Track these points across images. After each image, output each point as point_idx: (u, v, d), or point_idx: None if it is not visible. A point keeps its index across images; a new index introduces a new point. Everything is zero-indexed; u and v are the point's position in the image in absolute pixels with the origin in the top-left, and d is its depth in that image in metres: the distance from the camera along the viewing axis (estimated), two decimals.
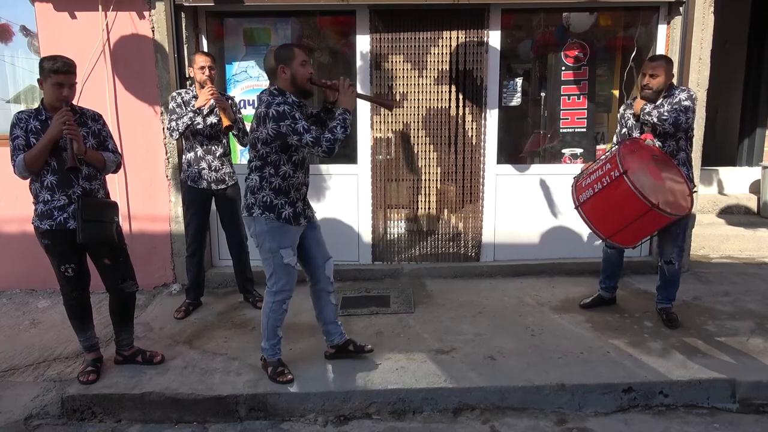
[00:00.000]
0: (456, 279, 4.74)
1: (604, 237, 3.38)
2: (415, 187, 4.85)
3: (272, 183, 2.95)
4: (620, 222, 3.29)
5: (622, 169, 3.16)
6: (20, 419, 3.00)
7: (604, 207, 3.31)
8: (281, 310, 3.10)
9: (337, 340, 3.31)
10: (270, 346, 3.14)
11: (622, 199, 3.20)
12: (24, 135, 2.93)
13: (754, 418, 2.93)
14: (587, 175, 3.46)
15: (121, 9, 4.31)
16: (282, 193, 2.96)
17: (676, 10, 4.48)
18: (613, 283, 4.05)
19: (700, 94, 4.51)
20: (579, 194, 3.42)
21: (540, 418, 2.94)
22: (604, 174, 3.29)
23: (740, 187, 6.45)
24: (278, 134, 2.83)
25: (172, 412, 3.03)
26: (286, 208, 2.97)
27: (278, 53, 2.94)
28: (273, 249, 2.98)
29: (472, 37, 4.55)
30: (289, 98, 2.90)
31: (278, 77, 2.93)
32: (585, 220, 3.39)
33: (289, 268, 3.03)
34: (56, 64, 2.89)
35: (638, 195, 3.13)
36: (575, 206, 3.42)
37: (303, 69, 2.92)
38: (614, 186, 3.21)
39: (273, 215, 2.95)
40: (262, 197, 2.95)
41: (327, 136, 2.82)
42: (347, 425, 2.94)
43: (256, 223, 2.99)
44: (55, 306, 4.35)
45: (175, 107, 3.87)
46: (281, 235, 2.98)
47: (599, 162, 3.44)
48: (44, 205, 3.00)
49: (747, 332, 3.62)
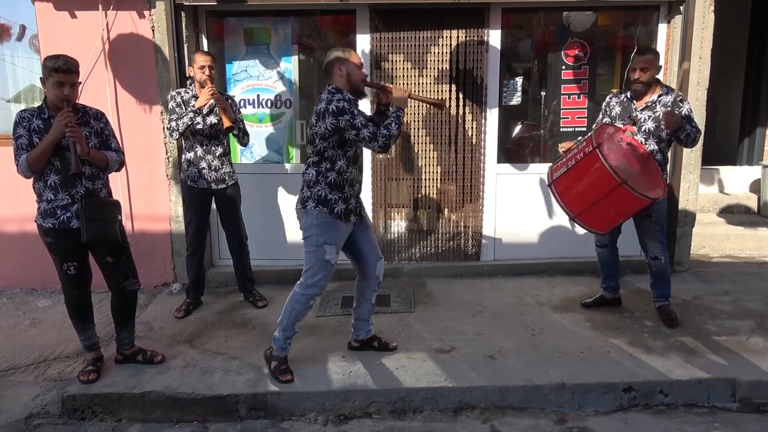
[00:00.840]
0: (456, 278, 4.74)
1: (573, 215, 3.34)
2: (416, 187, 4.85)
3: (328, 177, 3.02)
4: (589, 198, 3.26)
5: (595, 143, 3.17)
6: (21, 418, 3.00)
7: (575, 182, 3.32)
8: (308, 305, 3.14)
9: (363, 336, 3.43)
10: (283, 338, 3.16)
11: (593, 173, 3.21)
12: (27, 134, 2.93)
13: (755, 418, 2.93)
14: (565, 153, 3.49)
15: (121, 8, 4.31)
16: (337, 188, 3.04)
17: (676, 9, 4.47)
18: (614, 283, 4.05)
19: (700, 93, 4.52)
20: (554, 171, 3.44)
21: (540, 418, 2.95)
22: (579, 151, 3.32)
23: (740, 187, 6.45)
24: (336, 129, 2.91)
25: (172, 411, 3.03)
26: (339, 204, 3.04)
27: (337, 50, 3.09)
28: (319, 243, 3.04)
29: (472, 37, 4.55)
30: (346, 95, 3.00)
31: (334, 74, 3.04)
32: (555, 197, 3.40)
33: (328, 264, 3.08)
34: (57, 63, 2.88)
35: (608, 169, 3.10)
36: (548, 183, 3.44)
37: (358, 70, 3.07)
38: (586, 161, 3.23)
39: (326, 209, 3.02)
40: (318, 191, 3.02)
41: (383, 132, 2.94)
42: (347, 424, 2.94)
43: (308, 215, 3.05)
44: (56, 305, 4.35)
45: (175, 107, 3.87)
46: (331, 230, 3.05)
47: (576, 143, 3.48)
48: (47, 204, 3.00)
49: (747, 331, 3.62)
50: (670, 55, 4.59)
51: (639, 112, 3.64)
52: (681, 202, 4.66)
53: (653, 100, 3.62)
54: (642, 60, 3.56)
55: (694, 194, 4.69)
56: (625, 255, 4.78)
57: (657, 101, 3.61)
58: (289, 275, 4.67)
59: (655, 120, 3.57)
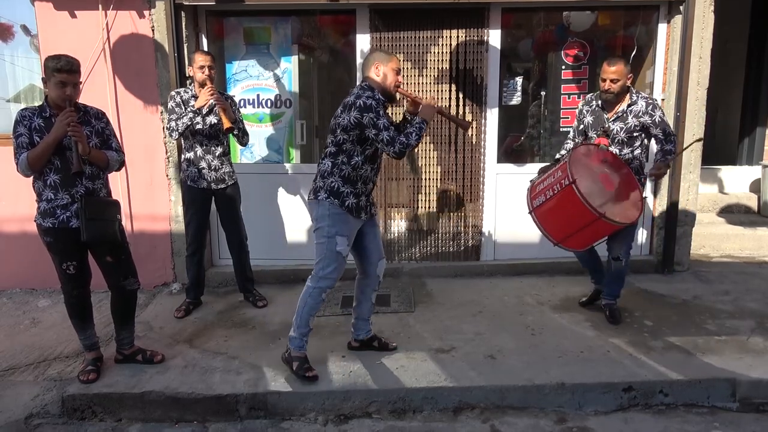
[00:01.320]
0: (456, 278, 4.74)
1: (555, 242, 3.46)
2: (416, 186, 4.85)
3: (342, 170, 3.03)
4: (570, 228, 3.38)
5: (571, 178, 3.22)
6: (20, 418, 3.00)
7: (555, 214, 3.41)
8: (320, 298, 3.12)
9: (363, 335, 3.43)
10: (299, 336, 3.14)
11: (572, 208, 3.29)
12: (27, 133, 2.93)
13: (755, 417, 2.93)
14: (540, 180, 3.52)
15: (121, 8, 4.31)
16: (350, 183, 3.05)
17: (676, 8, 4.47)
18: (600, 275, 4.03)
19: (700, 92, 4.52)
20: (533, 199, 3.49)
21: (540, 417, 2.94)
22: (555, 182, 3.36)
23: (740, 186, 6.45)
24: (359, 123, 2.93)
25: (172, 411, 3.03)
26: (351, 198, 3.05)
27: (379, 52, 3.13)
28: (330, 234, 3.04)
29: (472, 36, 4.55)
30: (377, 95, 3.02)
31: (371, 71, 3.07)
32: (537, 225, 3.49)
33: (339, 256, 3.07)
34: (59, 63, 2.89)
35: (586, 205, 3.19)
36: (528, 211, 3.50)
37: (395, 75, 3.08)
38: (564, 194, 3.28)
39: (337, 201, 3.03)
40: (331, 182, 3.04)
41: (401, 139, 2.95)
42: (347, 424, 2.94)
43: (320, 206, 3.06)
44: (55, 305, 4.35)
45: (174, 106, 3.87)
46: (341, 222, 3.05)
47: (553, 167, 3.50)
48: (47, 204, 3.00)
49: (747, 331, 3.62)
50: (669, 55, 4.59)
51: (611, 122, 3.65)
52: (681, 202, 4.66)
53: (624, 110, 3.63)
54: (612, 71, 3.53)
55: (694, 194, 4.69)
56: None
57: (628, 111, 3.62)
58: (289, 275, 4.68)
59: (627, 131, 3.61)
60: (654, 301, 4.16)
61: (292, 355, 3.15)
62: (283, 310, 4.04)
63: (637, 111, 3.60)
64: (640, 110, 3.59)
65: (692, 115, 4.52)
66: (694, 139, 4.55)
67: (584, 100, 3.88)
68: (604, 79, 3.57)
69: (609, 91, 3.57)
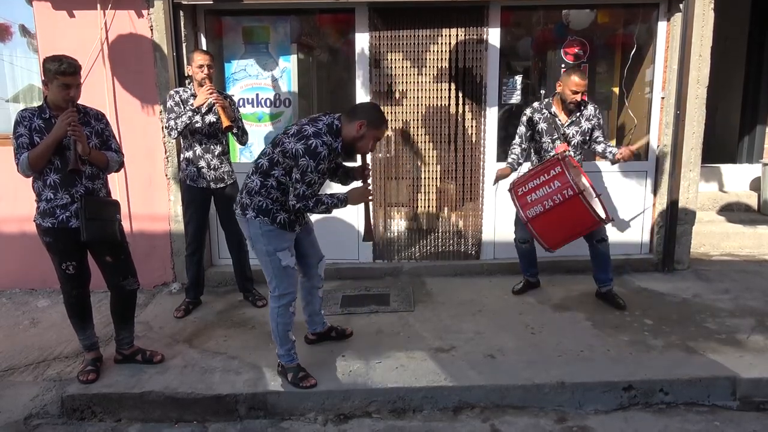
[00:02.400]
0: (456, 277, 4.74)
1: (548, 247, 3.64)
2: (415, 186, 4.84)
3: (271, 194, 2.92)
4: (567, 235, 3.61)
5: (576, 190, 3.40)
6: (20, 419, 3.00)
7: (555, 223, 3.55)
8: (288, 313, 3.05)
9: (319, 329, 3.51)
10: (285, 352, 3.10)
11: (575, 216, 3.49)
12: (28, 133, 2.93)
13: (755, 416, 2.92)
14: (531, 188, 3.61)
15: (119, 8, 4.30)
16: (278, 203, 2.94)
17: (676, 6, 4.46)
18: (536, 269, 4.34)
19: (700, 91, 4.51)
20: (526, 209, 3.60)
21: (540, 417, 2.94)
22: (554, 192, 3.49)
23: (740, 185, 6.44)
24: (296, 156, 2.77)
25: (171, 411, 3.03)
26: (281, 213, 2.94)
27: (376, 112, 2.94)
28: (270, 252, 2.95)
29: (471, 35, 4.54)
30: (336, 144, 2.84)
31: (353, 122, 2.86)
32: (533, 234, 3.63)
33: (288, 269, 3.00)
34: (62, 66, 2.88)
35: (592, 213, 3.45)
36: (524, 221, 3.62)
37: (371, 143, 2.93)
38: (568, 204, 3.45)
39: (267, 219, 2.92)
40: (258, 201, 2.92)
41: (308, 204, 2.85)
42: (347, 424, 2.93)
43: (250, 225, 2.97)
44: (55, 305, 4.34)
45: (173, 106, 3.86)
46: (276, 237, 2.95)
47: (543, 176, 3.58)
48: (47, 204, 3.00)
49: (747, 330, 3.61)
50: (669, 53, 4.58)
51: (566, 128, 3.88)
52: (681, 201, 4.65)
53: (577, 115, 3.88)
54: (583, 84, 3.76)
55: (693, 192, 4.69)
56: (625, 253, 4.81)
57: (580, 115, 3.88)
58: None
59: (582, 134, 3.88)
60: (654, 299, 4.16)
61: (285, 368, 3.12)
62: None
63: (588, 115, 3.88)
64: (590, 114, 3.88)
65: (692, 113, 4.51)
66: (694, 136, 4.55)
67: (532, 108, 4.01)
68: (576, 91, 3.76)
69: (574, 102, 3.80)
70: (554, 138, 3.89)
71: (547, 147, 3.93)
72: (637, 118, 4.86)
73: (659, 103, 4.70)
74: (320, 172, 2.83)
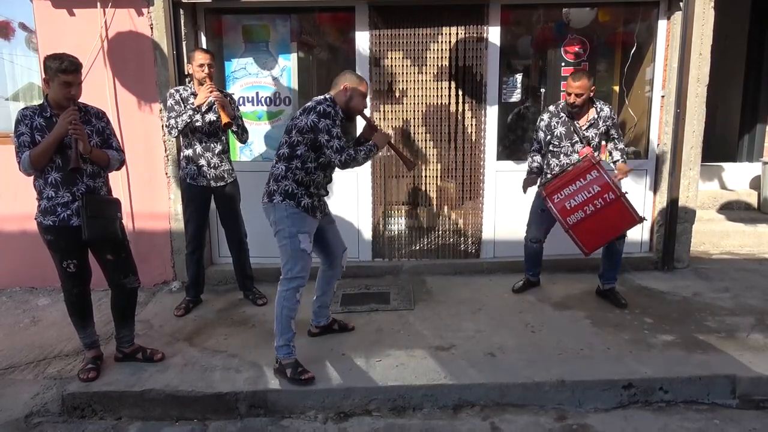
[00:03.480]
0: (456, 276, 4.74)
1: (587, 252, 3.66)
2: (415, 184, 4.84)
3: (296, 175, 3.09)
4: (608, 238, 3.68)
5: (618, 193, 3.48)
6: (21, 417, 3.00)
7: (597, 227, 3.58)
8: (294, 299, 3.12)
9: (324, 322, 3.61)
10: (285, 342, 3.12)
11: (616, 219, 3.55)
12: (29, 132, 2.93)
13: (755, 414, 2.93)
14: (568, 195, 3.62)
15: (119, 6, 4.30)
16: (303, 186, 3.11)
17: (676, 5, 4.46)
18: (538, 269, 4.35)
19: (700, 89, 4.51)
20: (566, 216, 3.62)
21: (540, 415, 2.95)
22: (595, 196, 3.54)
23: (740, 183, 6.45)
24: (314, 127, 3.01)
25: (172, 409, 3.03)
26: (305, 198, 3.11)
27: (352, 74, 3.22)
28: (292, 233, 3.07)
29: (471, 34, 4.54)
30: (338, 108, 3.12)
31: (338, 90, 3.15)
32: (575, 240, 3.64)
33: (304, 254, 3.11)
34: (64, 64, 2.89)
35: (633, 214, 3.51)
36: (565, 229, 3.64)
37: (361, 99, 3.20)
38: (611, 208, 3.52)
39: (293, 202, 3.08)
40: (285, 186, 3.09)
41: (350, 152, 3.04)
42: (347, 422, 2.94)
43: (276, 209, 3.10)
44: (55, 304, 4.35)
45: (174, 104, 3.86)
46: (300, 221, 3.10)
47: (579, 182, 3.60)
48: (48, 202, 3.01)
49: (747, 328, 3.62)
50: (669, 52, 4.58)
51: (585, 131, 3.87)
52: (681, 199, 4.65)
53: (594, 117, 3.87)
54: (577, 86, 3.72)
55: (694, 191, 4.69)
56: (626, 252, 4.78)
57: (598, 117, 3.87)
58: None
59: (599, 136, 3.90)
60: (654, 298, 4.16)
61: (283, 364, 3.11)
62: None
63: (605, 116, 3.88)
64: (607, 115, 3.88)
65: (692, 112, 4.52)
66: (694, 134, 4.55)
67: (550, 112, 4.00)
68: (569, 93, 3.75)
69: (574, 105, 3.78)
70: (574, 141, 3.86)
71: (566, 151, 3.89)
72: (637, 117, 4.86)
73: (659, 102, 4.70)
74: (339, 130, 3.07)
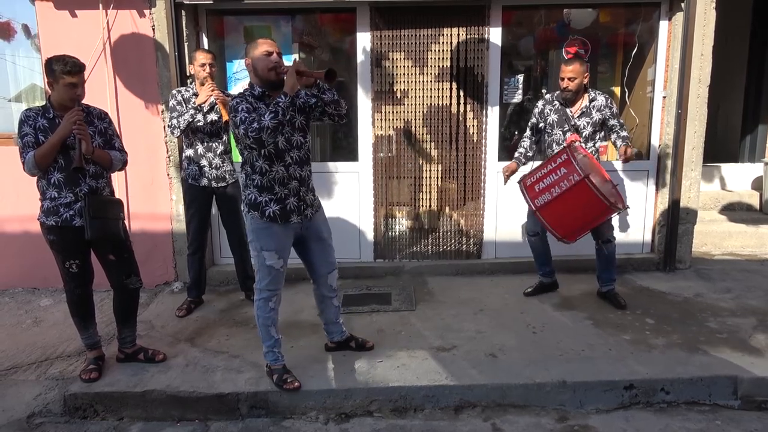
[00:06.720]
0: (457, 276, 4.74)
1: (560, 237, 3.62)
2: (417, 185, 4.84)
3: (254, 180, 2.89)
4: (580, 223, 3.59)
5: (582, 174, 3.37)
6: (22, 417, 3.00)
7: (565, 210, 3.52)
8: (267, 308, 3.02)
9: (337, 338, 3.39)
10: (268, 349, 3.08)
11: (584, 202, 3.45)
12: (33, 132, 2.95)
13: (756, 415, 2.92)
14: (539, 178, 3.61)
15: (121, 7, 4.31)
16: (265, 190, 2.88)
17: (677, 5, 4.46)
18: (549, 268, 4.24)
19: (701, 90, 4.50)
20: (534, 198, 3.60)
21: (541, 416, 2.94)
22: (561, 178, 3.48)
23: (742, 184, 6.43)
24: (234, 125, 2.75)
25: (173, 410, 3.03)
26: (271, 205, 2.88)
27: (247, 45, 2.88)
28: (257, 249, 2.95)
29: (472, 34, 4.54)
30: (246, 92, 2.81)
31: (248, 68, 2.84)
32: (543, 223, 3.62)
33: (272, 270, 2.96)
34: (67, 66, 2.90)
35: (599, 197, 3.39)
36: (532, 210, 3.63)
37: (265, 59, 2.77)
38: (575, 190, 3.42)
39: (257, 213, 2.89)
40: (248, 195, 2.93)
41: (254, 126, 2.61)
42: (348, 423, 2.94)
43: (246, 220, 3.00)
44: (57, 304, 4.36)
45: (176, 105, 3.87)
46: (265, 236, 2.92)
47: (550, 165, 3.60)
48: (51, 202, 3.02)
49: (749, 329, 3.61)
50: (671, 52, 4.57)
51: (577, 119, 3.87)
52: (682, 200, 4.65)
53: (587, 106, 3.87)
54: (569, 70, 3.76)
55: (695, 192, 4.68)
56: (627, 252, 4.81)
57: (591, 106, 3.86)
58: (290, 274, 4.65)
59: (593, 125, 3.85)
60: (655, 298, 4.15)
61: (272, 369, 3.10)
62: (284, 309, 4.03)
63: (599, 106, 3.85)
64: (601, 105, 3.85)
65: (694, 112, 4.51)
66: (696, 135, 4.55)
67: (544, 100, 4.04)
68: (563, 78, 3.79)
69: (567, 89, 3.80)
70: (565, 129, 3.89)
71: (558, 139, 3.92)
72: (638, 118, 4.86)
73: (661, 103, 4.70)
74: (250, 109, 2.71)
